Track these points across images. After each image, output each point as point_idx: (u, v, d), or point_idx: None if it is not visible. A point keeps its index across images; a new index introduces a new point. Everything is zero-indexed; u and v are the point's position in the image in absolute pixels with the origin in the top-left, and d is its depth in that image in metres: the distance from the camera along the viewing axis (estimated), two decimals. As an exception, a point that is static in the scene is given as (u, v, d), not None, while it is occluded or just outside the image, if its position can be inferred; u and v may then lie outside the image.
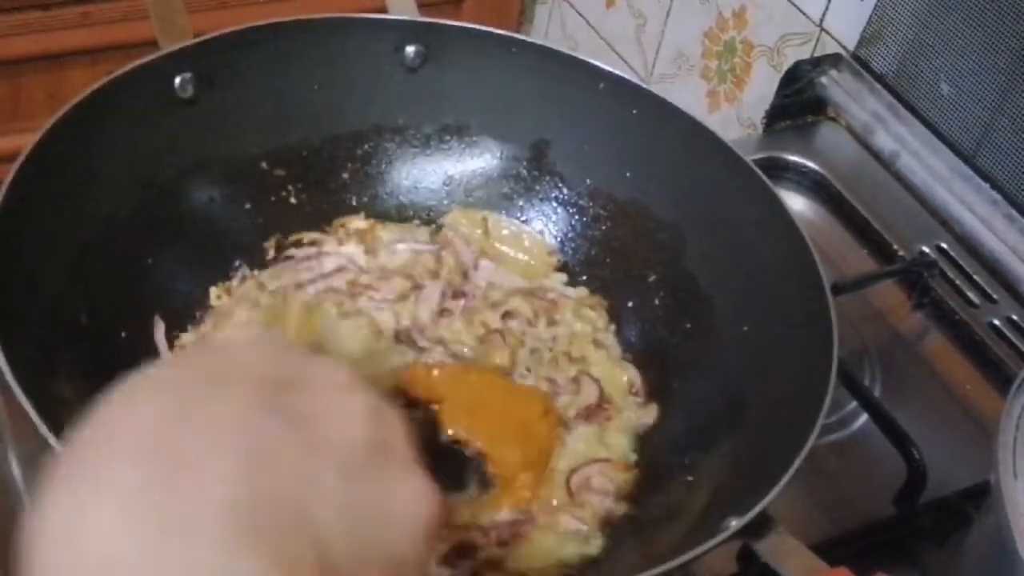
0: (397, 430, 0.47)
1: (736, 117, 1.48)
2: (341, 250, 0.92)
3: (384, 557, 0.44)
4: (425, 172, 0.98)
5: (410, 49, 0.94)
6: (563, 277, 0.95)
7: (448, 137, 0.98)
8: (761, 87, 1.40)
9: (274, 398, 0.44)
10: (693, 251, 0.91)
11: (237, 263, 0.90)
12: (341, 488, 0.43)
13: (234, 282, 0.89)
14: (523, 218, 0.97)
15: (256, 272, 0.90)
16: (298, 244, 0.92)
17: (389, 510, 0.44)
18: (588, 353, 0.88)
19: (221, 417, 0.43)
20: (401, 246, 0.94)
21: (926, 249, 1.10)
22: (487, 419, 0.81)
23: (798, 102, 1.23)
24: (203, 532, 0.39)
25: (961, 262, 1.09)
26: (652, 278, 0.93)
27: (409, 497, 0.45)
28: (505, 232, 0.97)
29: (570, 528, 0.76)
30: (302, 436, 0.43)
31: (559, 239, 0.97)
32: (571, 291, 0.93)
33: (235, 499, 0.40)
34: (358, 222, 0.95)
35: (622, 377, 0.87)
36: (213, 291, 0.88)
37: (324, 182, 0.95)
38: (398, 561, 0.44)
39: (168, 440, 0.42)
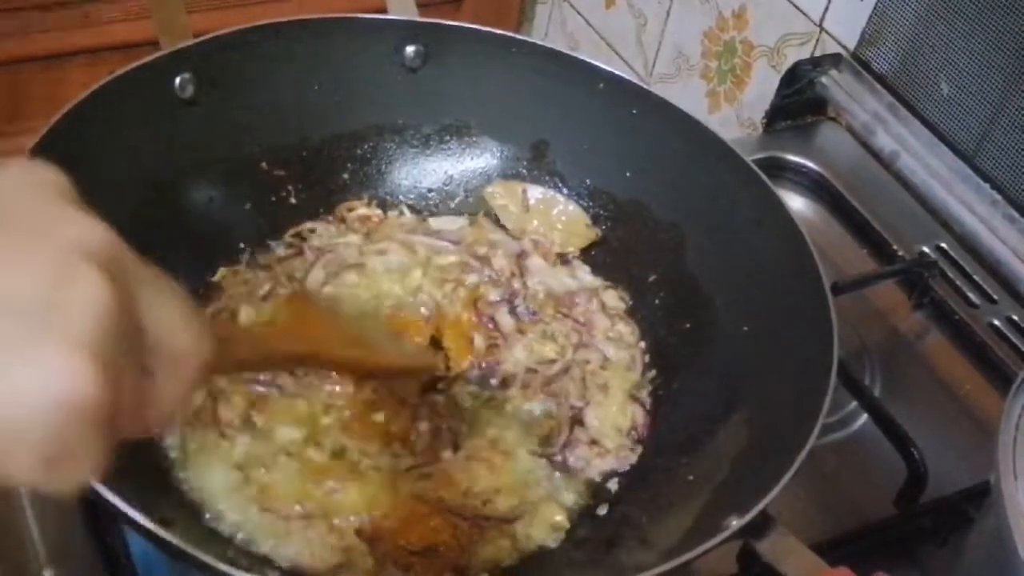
0: (83, 306, 0.40)
1: (736, 117, 1.48)
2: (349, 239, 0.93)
3: None
4: (425, 172, 0.98)
5: (410, 49, 0.94)
6: (588, 268, 0.95)
7: (448, 137, 0.98)
8: (761, 87, 1.40)
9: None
10: (693, 251, 0.91)
11: (241, 245, 0.90)
12: None
13: (241, 265, 0.90)
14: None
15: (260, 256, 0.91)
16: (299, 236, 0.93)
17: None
18: (611, 381, 0.87)
19: None
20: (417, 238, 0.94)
21: (926, 249, 1.10)
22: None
23: (798, 102, 1.23)
24: None
25: (961, 262, 1.09)
26: (652, 278, 0.93)
27: (36, 372, 0.39)
28: (541, 207, 0.97)
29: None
30: None
31: (559, 239, 0.97)
32: (607, 296, 0.93)
33: None
34: (362, 208, 0.95)
35: (625, 420, 0.85)
36: (221, 271, 0.89)
37: (324, 182, 0.95)
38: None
39: None
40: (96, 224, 0.43)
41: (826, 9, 1.28)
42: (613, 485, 0.81)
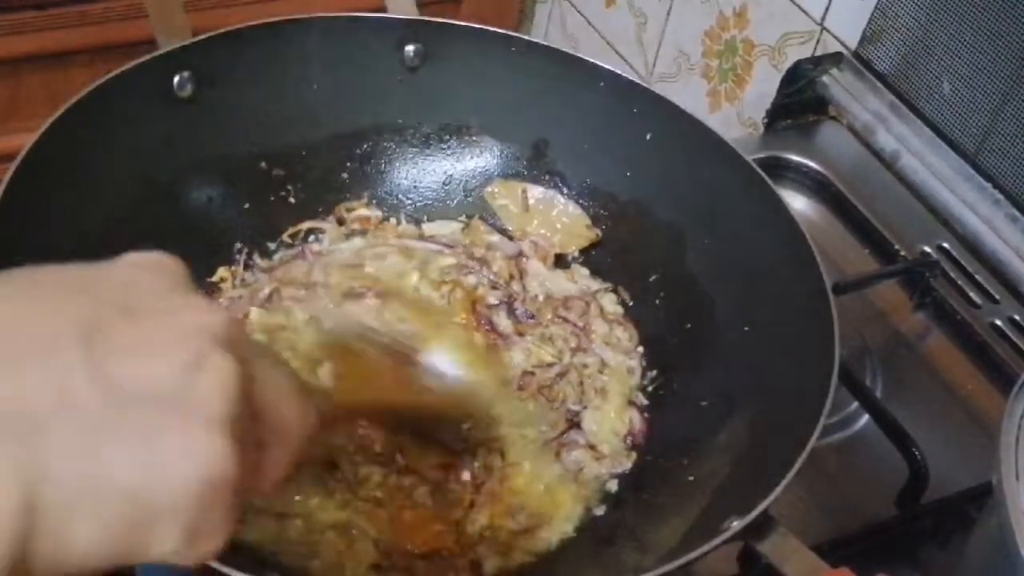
0: (215, 387, 0.42)
1: (737, 116, 1.48)
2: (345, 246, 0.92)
3: (121, 510, 0.40)
4: (424, 172, 0.98)
5: (410, 48, 0.94)
6: (586, 272, 0.95)
7: (448, 136, 0.98)
8: (762, 86, 1.39)
9: (100, 316, 0.42)
10: (694, 251, 0.91)
11: (238, 245, 0.90)
12: (97, 414, 0.40)
13: (239, 266, 0.89)
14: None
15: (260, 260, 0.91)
16: (298, 236, 0.93)
17: (147, 460, 0.40)
18: (609, 385, 0.87)
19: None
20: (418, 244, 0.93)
21: (928, 249, 1.10)
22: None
23: (799, 101, 1.23)
24: None
25: (963, 262, 1.08)
26: (653, 278, 0.92)
27: (180, 453, 0.41)
28: (541, 207, 0.96)
29: None
30: (90, 355, 0.40)
31: (559, 239, 0.96)
32: (606, 301, 0.92)
33: None
34: (362, 209, 0.95)
35: (623, 425, 0.85)
36: (220, 271, 0.88)
37: (323, 181, 0.95)
38: (142, 514, 0.40)
39: None
40: (217, 308, 0.46)
41: (827, 8, 1.28)
42: (612, 486, 0.81)
